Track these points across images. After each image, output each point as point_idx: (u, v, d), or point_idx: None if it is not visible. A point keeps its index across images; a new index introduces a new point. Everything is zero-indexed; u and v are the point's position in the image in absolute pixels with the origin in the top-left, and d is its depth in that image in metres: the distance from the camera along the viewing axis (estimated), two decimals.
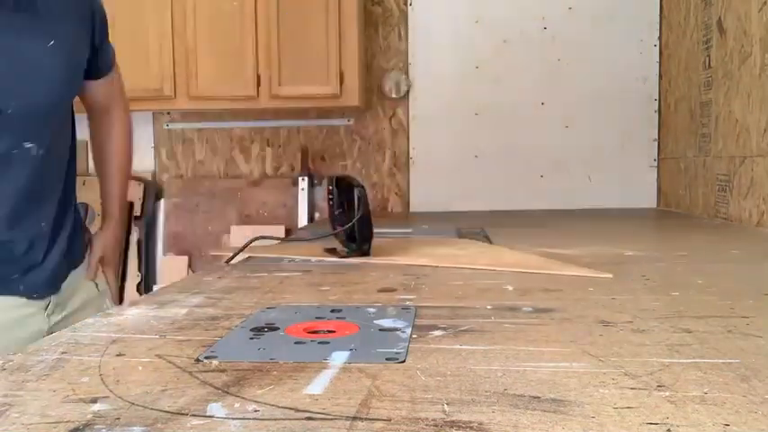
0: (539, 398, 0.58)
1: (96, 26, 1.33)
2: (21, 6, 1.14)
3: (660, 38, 3.11)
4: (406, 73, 3.25)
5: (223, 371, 0.67)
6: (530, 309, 0.95)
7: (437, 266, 1.31)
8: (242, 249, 1.47)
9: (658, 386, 0.61)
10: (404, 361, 0.70)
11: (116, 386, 0.63)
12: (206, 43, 2.99)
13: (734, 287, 1.13)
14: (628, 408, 0.55)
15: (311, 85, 2.97)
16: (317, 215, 3.31)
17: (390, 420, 0.53)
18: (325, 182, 3.17)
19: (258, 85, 2.98)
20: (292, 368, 0.68)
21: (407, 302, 1.01)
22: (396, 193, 3.02)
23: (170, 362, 0.71)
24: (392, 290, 1.12)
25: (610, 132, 3.15)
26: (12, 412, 0.56)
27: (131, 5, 2.99)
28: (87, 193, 2.35)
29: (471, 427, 0.52)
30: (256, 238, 1.51)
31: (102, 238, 1.47)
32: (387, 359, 0.70)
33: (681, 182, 2.84)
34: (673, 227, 2.40)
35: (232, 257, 1.44)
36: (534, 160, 3.18)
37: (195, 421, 0.54)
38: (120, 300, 1.36)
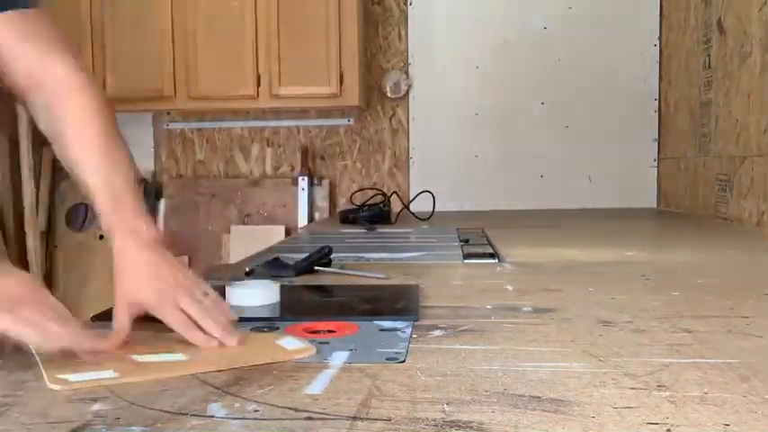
0: (539, 398, 0.58)
1: None
2: None
3: (660, 38, 3.11)
4: (406, 73, 3.25)
5: (223, 371, 0.67)
6: (530, 309, 0.95)
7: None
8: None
9: (658, 386, 0.61)
10: (404, 361, 0.70)
11: (116, 386, 0.63)
12: (206, 43, 2.99)
13: (734, 287, 1.13)
14: (628, 408, 0.55)
15: (311, 85, 2.97)
16: (316, 215, 3.31)
17: (390, 420, 0.53)
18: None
19: (258, 85, 2.98)
20: (292, 368, 0.68)
21: None
22: (396, 193, 3.02)
23: None
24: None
25: (610, 132, 3.15)
26: (12, 412, 0.56)
27: (132, 5, 2.99)
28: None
29: (471, 427, 0.52)
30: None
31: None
32: (387, 359, 0.70)
33: (681, 182, 2.83)
34: (673, 227, 2.40)
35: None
36: (534, 160, 3.18)
37: (195, 421, 0.54)
38: None
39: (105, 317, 0.83)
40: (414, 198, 2.70)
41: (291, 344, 0.73)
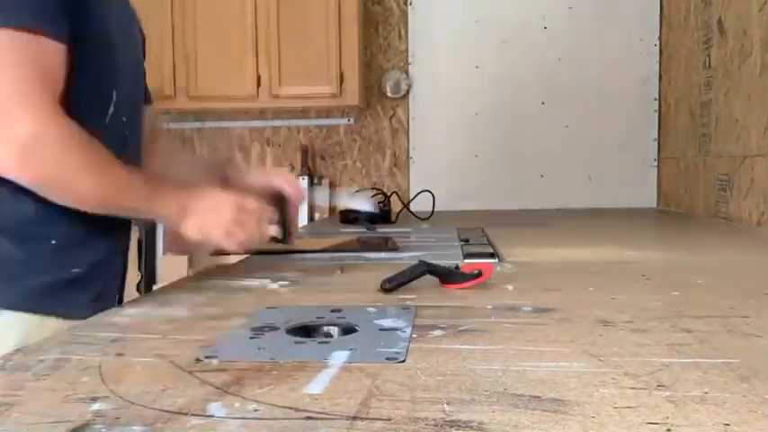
0: (539, 398, 0.58)
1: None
2: None
3: (660, 38, 3.11)
4: (406, 73, 3.25)
5: (223, 370, 0.67)
6: (530, 308, 0.95)
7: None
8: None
9: (658, 386, 0.61)
10: (404, 361, 0.70)
11: (116, 386, 0.63)
12: (206, 43, 2.99)
13: (734, 287, 1.13)
14: (628, 408, 0.55)
15: (311, 85, 2.97)
16: (316, 215, 3.31)
17: (390, 420, 0.53)
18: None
19: (258, 85, 2.98)
20: (292, 368, 0.68)
21: (407, 302, 1.01)
22: (396, 193, 3.02)
23: (170, 361, 0.71)
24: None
25: (610, 132, 3.15)
26: (12, 412, 0.56)
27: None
28: None
29: (471, 427, 0.52)
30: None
31: None
32: (387, 359, 0.70)
33: (681, 182, 2.83)
34: (673, 227, 2.40)
35: None
36: (534, 160, 3.18)
37: (195, 421, 0.54)
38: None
39: None
40: (414, 198, 2.70)
41: None
